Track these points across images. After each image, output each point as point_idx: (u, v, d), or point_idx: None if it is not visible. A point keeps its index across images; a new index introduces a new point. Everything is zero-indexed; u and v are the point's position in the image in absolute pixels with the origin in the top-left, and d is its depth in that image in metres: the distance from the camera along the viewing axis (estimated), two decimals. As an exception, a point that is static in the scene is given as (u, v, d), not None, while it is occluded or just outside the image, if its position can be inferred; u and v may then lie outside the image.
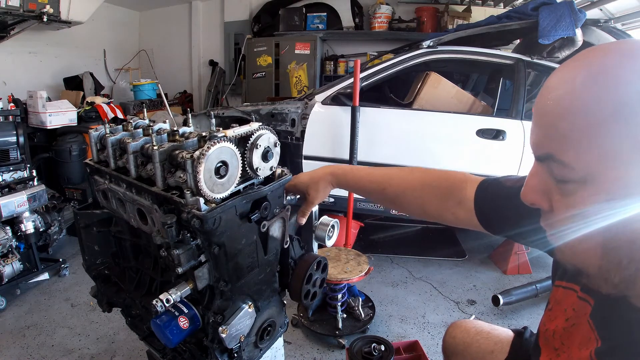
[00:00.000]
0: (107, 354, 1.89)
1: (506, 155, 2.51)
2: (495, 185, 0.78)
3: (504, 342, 0.96)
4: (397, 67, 2.60)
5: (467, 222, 0.81)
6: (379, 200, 0.94)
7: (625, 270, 0.46)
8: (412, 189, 0.87)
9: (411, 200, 0.87)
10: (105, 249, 1.02)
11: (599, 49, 0.47)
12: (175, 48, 5.76)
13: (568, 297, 0.65)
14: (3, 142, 2.40)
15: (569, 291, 0.65)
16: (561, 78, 0.47)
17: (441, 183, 0.84)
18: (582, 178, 0.45)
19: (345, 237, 2.58)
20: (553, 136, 0.47)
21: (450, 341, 1.05)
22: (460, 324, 1.07)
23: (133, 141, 0.80)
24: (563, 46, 2.62)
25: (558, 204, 0.49)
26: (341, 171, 0.94)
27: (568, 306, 0.64)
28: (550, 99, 0.47)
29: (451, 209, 0.82)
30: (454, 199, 0.81)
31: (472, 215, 0.79)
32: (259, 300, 0.86)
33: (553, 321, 0.68)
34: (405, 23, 4.81)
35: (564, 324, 0.64)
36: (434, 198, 0.84)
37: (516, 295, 2.22)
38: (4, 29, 3.31)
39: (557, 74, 0.49)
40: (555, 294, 0.70)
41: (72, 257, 2.80)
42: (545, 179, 0.50)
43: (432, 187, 0.85)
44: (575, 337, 0.61)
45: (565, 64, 0.49)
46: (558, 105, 0.46)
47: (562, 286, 0.68)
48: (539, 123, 0.49)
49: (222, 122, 2.79)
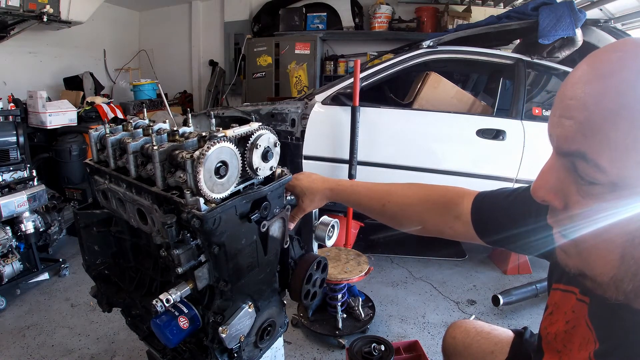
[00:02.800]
0: (107, 354, 1.89)
1: (506, 155, 2.50)
2: (491, 196, 0.79)
3: (504, 342, 0.96)
4: (397, 67, 2.60)
5: (464, 234, 0.81)
6: (378, 217, 0.94)
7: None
8: (411, 205, 0.88)
9: (410, 216, 0.88)
10: (105, 249, 1.02)
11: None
12: (175, 48, 5.76)
13: (567, 299, 0.65)
14: (3, 142, 2.40)
15: (567, 294, 0.65)
16: (606, 67, 0.42)
17: (439, 199, 0.85)
18: (612, 182, 0.42)
19: (345, 237, 2.58)
20: (590, 134, 0.41)
21: (451, 341, 1.05)
22: (460, 324, 1.07)
23: (133, 141, 0.80)
24: (563, 46, 2.62)
25: (576, 204, 0.46)
26: (341, 188, 0.94)
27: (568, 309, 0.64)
28: (590, 92, 0.41)
29: (449, 223, 0.83)
30: (452, 214, 0.82)
31: (470, 228, 0.80)
32: (259, 300, 0.86)
33: (554, 324, 0.67)
34: (405, 23, 4.82)
35: (564, 326, 0.64)
36: (432, 214, 0.85)
37: (516, 295, 2.22)
38: (4, 29, 3.32)
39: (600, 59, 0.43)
40: (553, 297, 0.70)
41: (72, 257, 2.80)
42: (563, 176, 0.47)
43: (431, 203, 0.86)
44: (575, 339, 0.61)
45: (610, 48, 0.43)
46: (601, 102, 0.40)
47: (560, 289, 0.67)
48: (573, 116, 0.43)
49: (222, 122, 2.79)
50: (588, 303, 0.60)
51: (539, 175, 0.49)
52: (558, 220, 0.49)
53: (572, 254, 0.49)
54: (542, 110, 2.57)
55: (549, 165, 0.48)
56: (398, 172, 2.50)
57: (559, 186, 0.47)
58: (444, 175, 2.48)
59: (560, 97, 0.45)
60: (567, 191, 0.47)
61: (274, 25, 5.05)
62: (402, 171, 2.50)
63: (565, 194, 0.47)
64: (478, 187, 0.85)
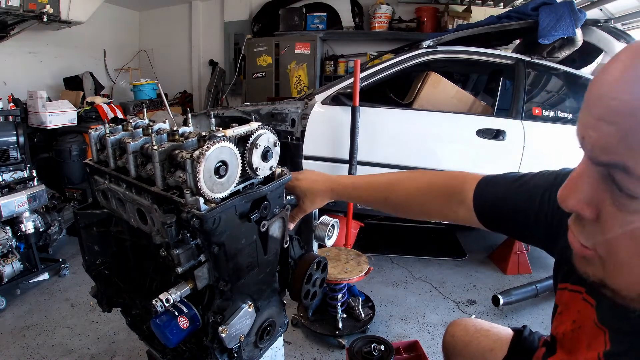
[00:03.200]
0: (107, 354, 1.89)
1: (506, 155, 2.51)
2: (494, 182, 0.78)
3: (504, 340, 0.96)
4: (397, 67, 2.60)
5: (468, 219, 0.81)
6: (382, 209, 0.94)
7: None
8: (415, 195, 0.87)
9: (414, 205, 0.88)
10: (105, 249, 1.02)
11: None
12: (175, 48, 5.76)
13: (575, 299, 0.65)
14: (3, 142, 2.40)
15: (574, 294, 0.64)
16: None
17: (442, 186, 0.84)
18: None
19: (345, 237, 2.58)
20: (637, 146, 0.37)
21: (450, 340, 1.05)
22: (459, 322, 1.07)
23: (133, 141, 0.80)
24: (563, 46, 2.62)
25: (610, 217, 0.42)
26: (341, 187, 0.94)
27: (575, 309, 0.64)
28: (631, 95, 0.37)
29: (453, 208, 0.82)
30: (456, 199, 0.81)
31: (472, 213, 0.79)
32: (259, 300, 0.86)
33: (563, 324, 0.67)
34: (405, 23, 4.82)
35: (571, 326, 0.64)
36: (436, 200, 0.85)
37: (516, 295, 2.22)
38: (4, 29, 3.32)
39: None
40: (561, 297, 0.69)
41: (72, 257, 2.80)
42: (598, 185, 0.42)
43: (434, 190, 0.85)
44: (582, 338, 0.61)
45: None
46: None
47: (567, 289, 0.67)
48: (616, 121, 0.38)
49: (222, 122, 2.79)
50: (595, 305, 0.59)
51: (567, 182, 0.45)
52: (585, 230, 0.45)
53: (596, 263, 0.46)
54: (542, 110, 2.57)
55: (579, 172, 0.44)
56: (398, 172, 2.51)
57: (592, 196, 0.43)
58: (444, 175, 2.48)
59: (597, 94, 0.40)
60: (601, 201, 0.42)
61: (274, 25, 5.05)
62: (402, 171, 2.50)
63: (598, 204, 0.43)
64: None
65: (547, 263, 2.92)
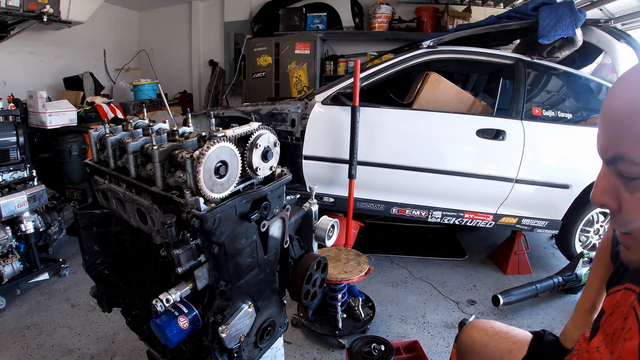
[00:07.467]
0: (107, 354, 1.89)
1: (506, 155, 2.50)
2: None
3: (523, 342, 0.96)
4: (397, 67, 2.59)
5: None
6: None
7: None
8: None
9: None
10: (105, 249, 1.02)
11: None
12: (175, 48, 5.76)
13: (627, 297, 0.67)
14: (3, 142, 2.40)
15: (628, 292, 0.67)
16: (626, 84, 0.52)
17: None
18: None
19: (345, 237, 2.58)
20: (621, 137, 0.51)
21: (467, 340, 1.05)
22: (477, 323, 1.07)
23: (133, 141, 0.80)
24: (563, 46, 2.62)
25: (627, 202, 0.53)
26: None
27: (626, 306, 0.66)
28: (617, 104, 0.52)
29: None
30: None
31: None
32: (259, 300, 0.86)
33: (613, 324, 0.68)
34: (405, 23, 4.82)
35: (622, 323, 0.66)
36: None
37: (516, 295, 2.22)
38: (4, 29, 3.32)
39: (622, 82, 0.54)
40: (612, 299, 0.71)
41: (72, 257, 2.80)
42: (613, 180, 0.54)
43: None
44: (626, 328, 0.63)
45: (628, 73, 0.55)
46: (625, 108, 0.50)
47: (622, 289, 0.70)
48: (607, 127, 0.53)
49: (222, 122, 2.79)
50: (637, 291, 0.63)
51: (595, 184, 0.58)
52: (617, 221, 0.56)
53: (633, 247, 0.56)
54: (542, 110, 2.57)
55: (601, 174, 0.57)
56: (398, 172, 2.50)
57: (612, 188, 0.55)
58: (444, 175, 2.48)
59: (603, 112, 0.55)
60: (618, 191, 0.54)
61: (274, 25, 5.05)
62: (402, 171, 2.50)
63: (617, 194, 0.54)
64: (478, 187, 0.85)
65: (547, 263, 2.92)
